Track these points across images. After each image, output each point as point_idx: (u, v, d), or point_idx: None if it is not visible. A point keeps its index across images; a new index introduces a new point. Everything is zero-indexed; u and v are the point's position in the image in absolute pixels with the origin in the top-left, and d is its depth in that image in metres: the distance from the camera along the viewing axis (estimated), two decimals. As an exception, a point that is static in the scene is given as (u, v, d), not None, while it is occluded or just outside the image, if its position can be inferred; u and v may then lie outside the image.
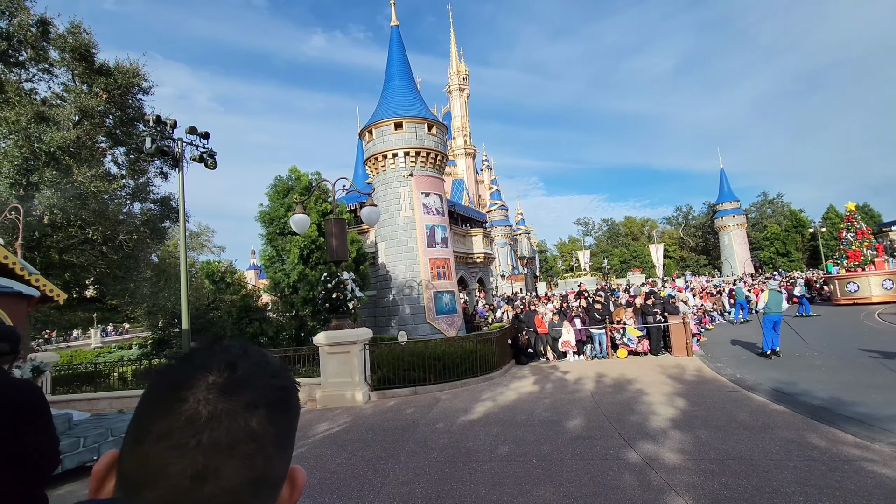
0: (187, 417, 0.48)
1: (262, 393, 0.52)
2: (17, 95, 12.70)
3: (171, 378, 0.51)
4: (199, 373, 0.51)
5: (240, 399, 0.50)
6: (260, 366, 0.55)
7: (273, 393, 0.53)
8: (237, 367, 0.52)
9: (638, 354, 13.12)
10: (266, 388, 0.53)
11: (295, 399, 0.57)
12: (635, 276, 50.55)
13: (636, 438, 6.09)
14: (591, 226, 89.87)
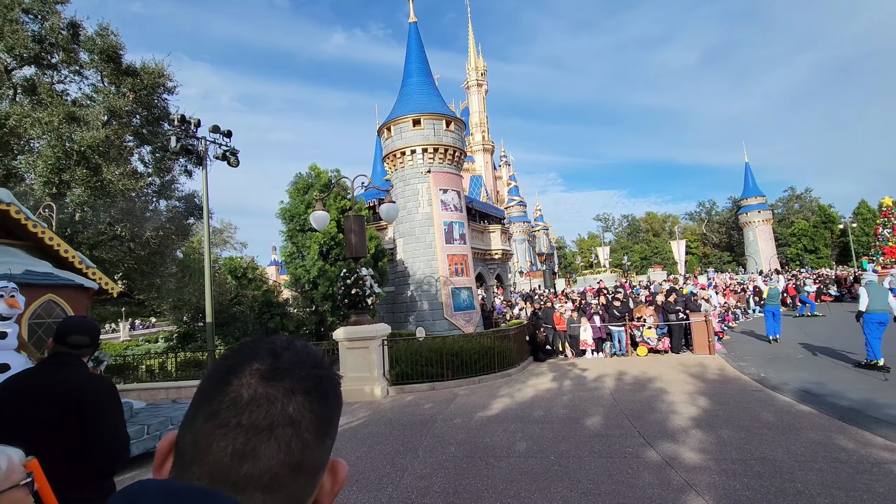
0: (230, 399, 0.52)
1: (302, 381, 0.55)
2: (49, 97, 13.15)
3: (223, 365, 0.56)
4: (246, 361, 0.55)
5: (279, 385, 0.53)
6: (301, 356, 0.58)
7: (312, 381, 0.56)
8: (280, 357, 0.56)
9: (658, 352, 12.94)
10: (305, 377, 0.56)
11: (334, 390, 0.59)
12: (656, 272, 49.71)
13: (656, 437, 6.03)
14: (611, 222, 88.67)
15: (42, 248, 7.63)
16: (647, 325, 13.18)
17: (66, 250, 7.83)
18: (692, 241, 72.85)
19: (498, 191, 50.65)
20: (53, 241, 7.69)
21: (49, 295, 7.03)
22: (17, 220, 7.23)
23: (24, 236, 7.46)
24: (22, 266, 6.84)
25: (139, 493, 0.47)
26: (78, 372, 2.28)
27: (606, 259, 55.17)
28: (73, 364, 2.30)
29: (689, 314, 13.04)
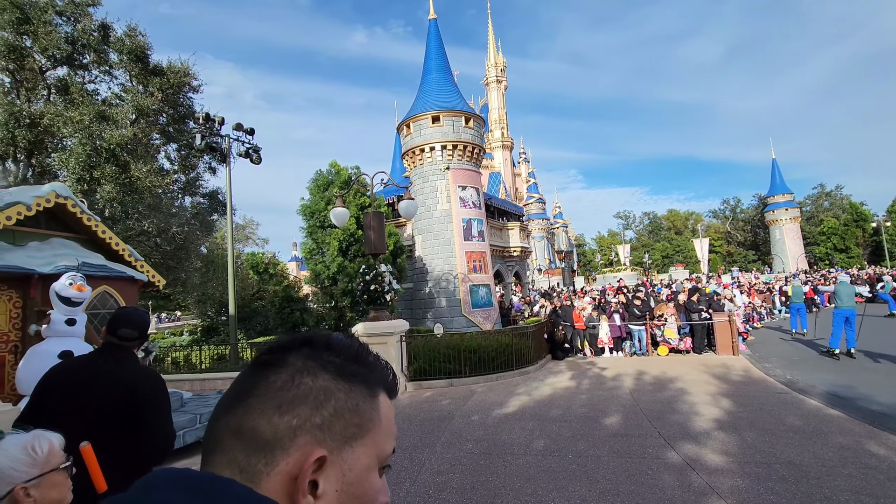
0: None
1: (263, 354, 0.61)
2: (80, 96, 13.58)
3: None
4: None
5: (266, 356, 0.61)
6: (283, 340, 0.62)
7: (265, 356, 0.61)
8: (277, 342, 0.62)
9: (680, 352, 12.72)
10: (264, 352, 0.62)
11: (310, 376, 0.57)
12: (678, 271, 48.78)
13: (677, 438, 5.94)
14: (632, 219, 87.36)
15: (95, 241, 7.90)
16: (668, 325, 12.97)
17: (116, 243, 8.11)
18: (716, 239, 71.24)
19: (517, 188, 50.35)
20: (106, 234, 7.96)
21: (104, 286, 7.28)
22: (73, 213, 7.49)
23: (79, 229, 7.73)
24: (82, 258, 7.12)
25: (156, 481, 0.48)
26: (131, 364, 2.36)
27: (627, 257, 54.40)
28: (125, 356, 2.37)
29: (712, 314, 12.78)
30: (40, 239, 7.25)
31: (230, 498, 0.45)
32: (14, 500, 1.27)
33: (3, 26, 12.90)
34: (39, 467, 1.33)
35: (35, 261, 6.64)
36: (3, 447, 1.31)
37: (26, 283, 6.61)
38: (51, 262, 6.71)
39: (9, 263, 6.31)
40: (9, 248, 6.70)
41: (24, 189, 7.40)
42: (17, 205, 6.70)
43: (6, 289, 6.54)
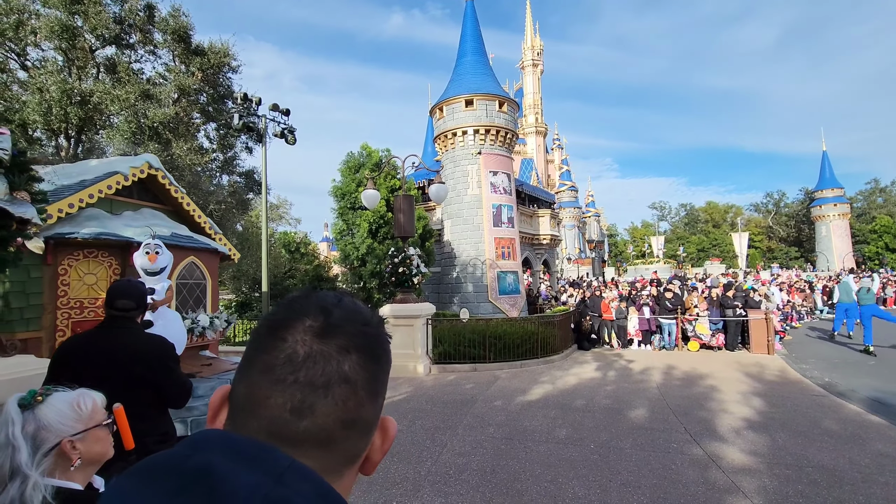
0: (286, 356, 0.53)
1: (353, 338, 0.56)
2: (127, 75, 14.07)
3: (274, 320, 0.57)
4: (298, 316, 0.56)
5: (332, 342, 0.54)
6: (351, 313, 0.58)
7: (363, 339, 0.57)
8: (331, 313, 0.57)
9: (711, 349, 12.40)
10: (357, 335, 0.56)
11: (384, 348, 0.60)
12: (714, 265, 47.28)
13: (703, 435, 5.83)
14: (668, 210, 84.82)
15: (179, 213, 8.10)
16: (700, 320, 12.64)
17: (199, 215, 8.31)
18: (756, 234, 68.44)
19: (549, 175, 49.53)
20: (190, 206, 8.16)
21: (191, 257, 7.46)
22: (162, 184, 7.70)
23: (166, 200, 7.96)
24: (168, 229, 7.25)
25: (205, 440, 0.49)
26: (135, 334, 2.59)
27: (660, 249, 52.98)
28: (127, 326, 2.59)
29: (747, 311, 12.37)
30: (133, 209, 7.46)
31: (284, 467, 0.46)
32: (62, 451, 1.35)
33: (56, 6, 13.43)
34: (84, 423, 1.41)
35: (132, 229, 6.84)
36: (52, 403, 1.39)
37: (125, 250, 6.78)
38: (146, 232, 6.89)
39: (109, 231, 6.53)
40: (108, 217, 6.92)
41: (121, 159, 7.63)
42: (116, 174, 6.92)
43: (107, 256, 6.76)
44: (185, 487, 0.43)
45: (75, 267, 6.49)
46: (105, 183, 6.79)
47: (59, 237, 6.19)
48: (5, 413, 1.31)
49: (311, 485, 0.46)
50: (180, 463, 0.45)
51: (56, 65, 13.84)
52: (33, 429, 1.32)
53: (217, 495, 0.42)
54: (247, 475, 0.44)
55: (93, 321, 6.57)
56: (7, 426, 1.28)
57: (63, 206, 6.24)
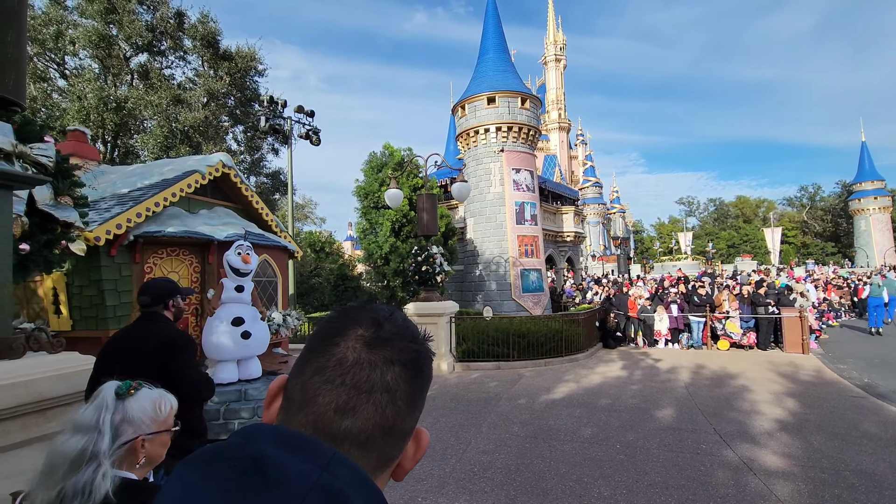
0: (337, 359, 0.58)
1: (400, 353, 0.60)
2: (159, 81, 14.55)
3: (330, 326, 0.62)
4: (351, 325, 0.61)
5: (380, 353, 0.59)
6: (401, 329, 0.63)
7: (409, 354, 0.61)
8: (382, 326, 0.61)
9: (742, 348, 12.06)
10: (403, 350, 0.60)
11: (427, 365, 0.64)
12: (745, 262, 45.83)
13: (734, 436, 5.70)
14: (696, 205, 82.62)
15: (247, 210, 8.25)
16: (730, 318, 12.31)
17: (267, 213, 8.48)
18: (789, 228, 66.03)
19: (573, 171, 48.91)
20: (259, 204, 8.32)
21: (264, 255, 7.61)
22: (234, 183, 7.82)
23: (236, 199, 8.10)
24: (243, 227, 7.43)
25: (258, 432, 0.53)
26: (160, 327, 2.79)
27: (688, 245, 51.71)
28: (155, 319, 2.81)
29: (780, 309, 11.98)
30: (208, 207, 7.59)
31: (329, 457, 0.51)
32: (133, 447, 1.39)
33: (92, 16, 13.98)
34: (158, 425, 1.47)
35: (211, 228, 6.95)
36: (139, 398, 1.44)
37: (205, 248, 6.91)
38: (223, 230, 7.01)
39: (191, 229, 6.66)
40: (187, 215, 7.05)
41: (194, 158, 7.79)
42: (195, 173, 7.04)
43: (187, 254, 6.90)
44: (243, 473, 0.48)
45: (160, 265, 6.65)
46: (185, 181, 6.89)
47: (147, 235, 6.31)
48: (101, 398, 1.38)
49: (352, 473, 0.51)
50: (237, 452, 0.50)
51: (93, 72, 14.42)
52: (119, 419, 1.38)
53: (271, 481, 0.46)
54: (296, 463, 0.49)
55: None
56: (101, 411, 1.35)
57: (150, 205, 6.37)
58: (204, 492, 0.47)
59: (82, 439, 1.28)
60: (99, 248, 5.97)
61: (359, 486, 0.50)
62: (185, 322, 6.92)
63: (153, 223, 6.51)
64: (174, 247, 6.75)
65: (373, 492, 0.51)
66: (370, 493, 0.51)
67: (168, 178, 6.99)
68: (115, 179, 7.61)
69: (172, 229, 6.53)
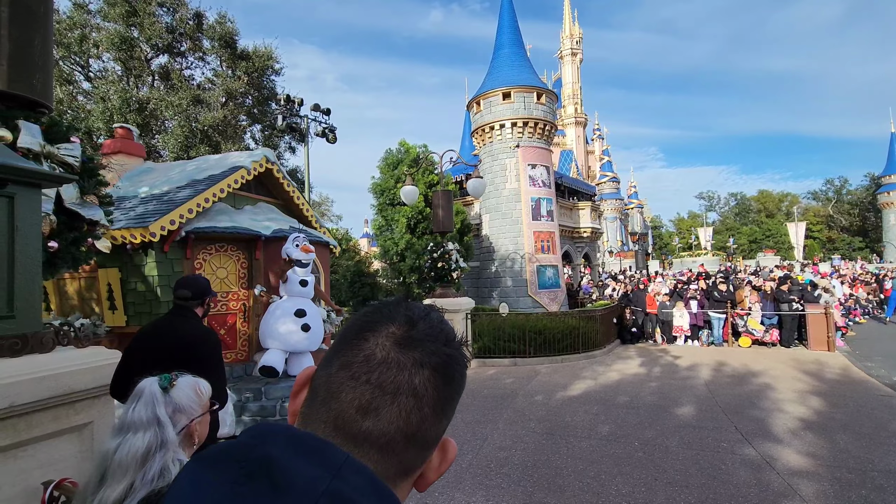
0: (365, 356, 0.55)
1: (431, 356, 0.56)
2: (179, 82, 14.82)
3: (362, 321, 0.59)
4: (384, 321, 0.58)
5: (410, 354, 0.55)
6: (435, 330, 0.59)
7: (441, 358, 0.57)
8: (416, 325, 0.58)
9: (764, 345, 11.82)
10: (435, 353, 0.57)
11: (460, 371, 0.60)
12: (767, 257, 44.75)
13: (755, 435, 5.60)
14: (716, 200, 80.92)
15: (288, 206, 8.24)
16: (752, 314, 12.06)
17: (307, 209, 8.50)
18: (814, 223, 64.23)
19: (589, 166, 48.37)
20: (300, 200, 8.33)
21: None
22: (276, 178, 7.80)
23: (278, 195, 8.10)
24: (286, 222, 7.43)
25: (269, 432, 0.51)
26: (191, 323, 2.87)
27: (708, 241, 50.78)
28: (186, 315, 2.89)
29: (804, 305, 11.69)
30: (251, 203, 7.58)
31: (341, 462, 0.48)
32: (189, 432, 1.50)
33: (115, 19, 14.30)
34: (202, 407, 1.56)
35: (257, 224, 6.94)
36: (182, 387, 1.53)
37: (252, 244, 6.88)
38: (268, 226, 6.99)
39: (239, 225, 6.66)
40: (234, 211, 7.05)
41: (238, 154, 7.77)
42: (241, 169, 7.01)
43: (235, 250, 6.89)
44: (250, 476, 0.46)
45: (209, 261, 6.67)
46: (232, 178, 6.87)
47: (198, 231, 6.30)
48: (149, 394, 1.44)
49: (365, 480, 0.48)
50: (246, 453, 0.48)
51: (116, 74, 14.76)
52: (171, 410, 1.45)
53: (279, 486, 0.44)
54: (306, 467, 0.46)
55: (225, 315, 6.79)
56: (154, 405, 1.41)
57: (199, 201, 6.36)
58: (211, 493, 0.46)
59: (146, 436, 1.34)
60: (153, 244, 5.98)
61: (372, 493, 0.47)
62: (234, 318, 6.95)
63: (203, 219, 6.48)
64: (222, 243, 6.75)
65: (387, 500, 0.48)
66: (385, 501, 0.48)
67: (214, 175, 6.97)
68: (159, 176, 7.61)
69: (223, 225, 6.51)
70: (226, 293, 6.82)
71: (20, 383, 2.10)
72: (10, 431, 2.10)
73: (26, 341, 2.31)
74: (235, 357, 6.92)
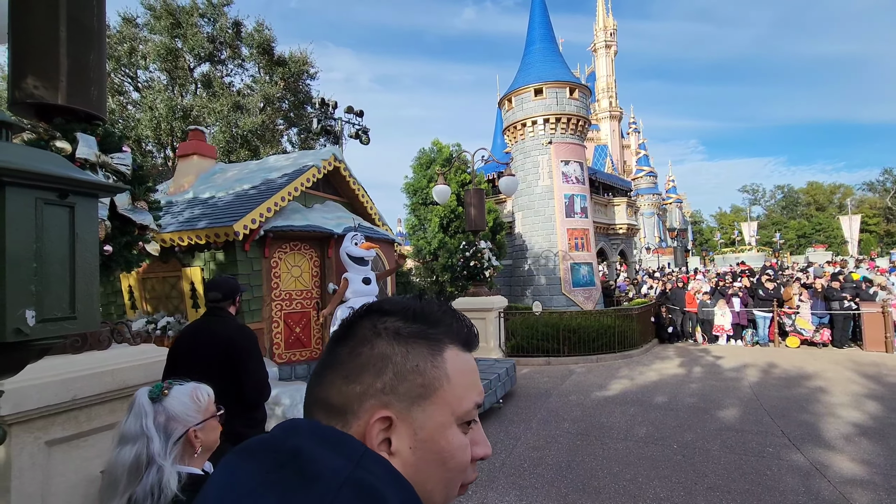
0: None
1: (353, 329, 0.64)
2: (220, 89, 15.41)
3: None
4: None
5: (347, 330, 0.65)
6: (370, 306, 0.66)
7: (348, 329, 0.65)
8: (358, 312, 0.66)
9: (814, 345, 11.23)
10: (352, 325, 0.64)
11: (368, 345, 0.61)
12: (817, 253, 42.41)
13: (805, 440, 5.34)
14: (761, 193, 77.21)
15: (353, 204, 8.33)
16: (801, 313, 11.47)
17: (371, 207, 8.59)
18: (870, 216, 60.30)
19: (625, 161, 47.16)
20: (365, 198, 8.42)
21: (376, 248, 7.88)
22: (343, 176, 7.90)
23: (343, 193, 8.20)
24: (354, 220, 7.45)
25: (296, 426, 0.57)
26: (226, 321, 2.94)
27: (752, 236, 48.56)
28: (220, 315, 2.97)
29: (859, 303, 11.03)
30: (320, 202, 7.68)
31: (361, 453, 0.53)
32: (188, 440, 1.47)
33: (160, 31, 15.01)
34: (203, 413, 1.54)
35: (328, 221, 6.99)
36: (176, 395, 1.51)
37: (324, 242, 6.97)
38: (339, 224, 7.05)
39: (313, 223, 6.74)
40: (305, 210, 7.14)
41: (305, 153, 7.87)
42: (312, 167, 7.11)
43: (308, 248, 6.98)
44: (281, 465, 0.52)
45: (284, 259, 6.77)
46: (305, 176, 6.96)
47: (277, 230, 6.38)
48: (138, 405, 1.45)
49: (383, 469, 0.53)
50: (277, 445, 0.54)
51: (161, 84, 15.49)
52: (164, 419, 1.44)
53: (307, 474, 0.50)
54: (331, 458, 0.51)
55: (300, 313, 6.91)
56: (141, 418, 1.41)
57: (277, 200, 6.46)
58: (247, 480, 0.52)
59: (133, 448, 1.36)
60: (235, 242, 6.09)
61: (392, 482, 0.52)
62: (307, 316, 7.00)
63: (279, 218, 6.55)
64: (296, 241, 6.81)
65: (407, 489, 0.52)
66: (404, 489, 0.52)
67: (288, 173, 7.03)
68: (231, 176, 7.75)
69: (298, 224, 6.57)
70: (300, 291, 6.88)
71: (81, 378, 2.27)
72: (72, 423, 2.27)
73: (85, 339, 2.48)
74: (310, 355, 7.03)
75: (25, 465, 2.05)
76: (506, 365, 7.49)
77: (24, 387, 1.97)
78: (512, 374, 7.59)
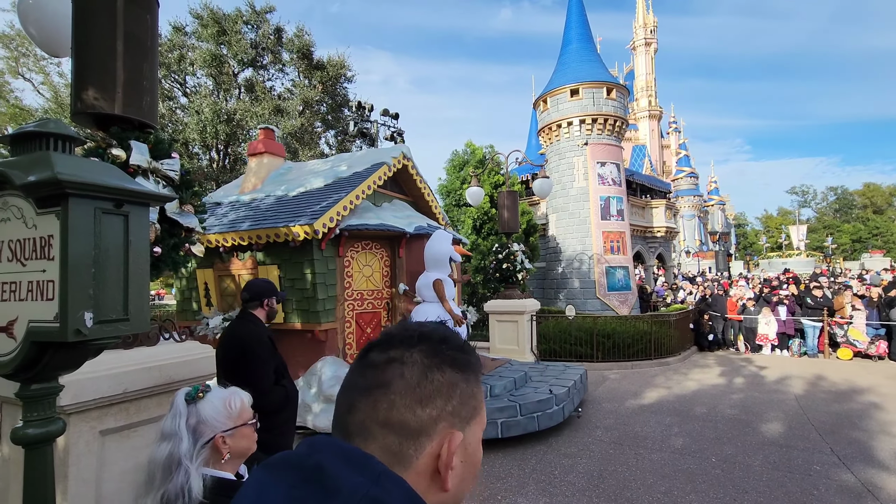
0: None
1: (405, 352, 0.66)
2: (262, 93, 15.95)
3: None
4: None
5: (387, 354, 0.66)
6: (409, 333, 0.68)
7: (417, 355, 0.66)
8: (392, 333, 0.70)
9: (869, 358, 10.57)
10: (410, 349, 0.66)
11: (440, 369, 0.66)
12: (874, 258, 39.85)
13: (855, 458, 5.05)
14: (812, 195, 73.32)
15: (418, 203, 8.26)
16: (854, 323, 10.82)
17: (435, 206, 8.54)
18: (937, 220, 56.20)
19: (664, 161, 45.72)
20: (430, 197, 8.35)
21: None
22: (410, 175, 7.81)
23: (409, 191, 8.12)
24: (423, 219, 7.42)
25: (321, 444, 0.61)
26: (247, 325, 3.05)
27: (801, 240, 46.12)
28: (244, 317, 3.10)
29: (921, 315, 10.30)
30: (388, 200, 7.61)
31: (379, 472, 0.57)
32: (215, 445, 1.48)
33: (207, 39, 15.67)
34: (233, 420, 1.53)
35: (400, 220, 6.91)
36: (210, 399, 1.53)
37: (395, 241, 6.89)
38: (410, 223, 6.98)
39: (386, 223, 6.67)
40: (376, 209, 7.04)
41: (375, 151, 7.83)
42: (383, 165, 7.02)
43: (379, 247, 6.90)
44: (306, 480, 0.56)
45: (356, 258, 6.73)
46: (377, 174, 6.87)
47: (352, 229, 6.30)
48: (175, 405, 1.49)
49: (400, 489, 0.56)
50: (302, 461, 0.59)
51: (207, 89, 16.17)
52: (195, 422, 1.47)
53: (329, 489, 0.54)
54: (351, 475, 0.55)
55: (371, 313, 6.87)
56: (177, 417, 1.45)
57: (352, 198, 6.40)
58: (275, 493, 0.56)
59: (167, 446, 1.41)
60: (313, 241, 6.05)
61: (405, 501, 0.55)
62: (378, 317, 6.92)
63: (353, 217, 6.51)
64: (368, 240, 6.77)
65: None
66: None
67: (359, 171, 6.96)
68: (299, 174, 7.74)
69: (372, 223, 6.51)
70: (371, 291, 6.81)
71: (132, 372, 2.41)
72: (123, 414, 2.41)
73: (136, 335, 2.64)
74: None
75: (82, 452, 2.20)
76: (579, 372, 7.24)
77: (80, 380, 2.11)
78: (585, 381, 7.34)
